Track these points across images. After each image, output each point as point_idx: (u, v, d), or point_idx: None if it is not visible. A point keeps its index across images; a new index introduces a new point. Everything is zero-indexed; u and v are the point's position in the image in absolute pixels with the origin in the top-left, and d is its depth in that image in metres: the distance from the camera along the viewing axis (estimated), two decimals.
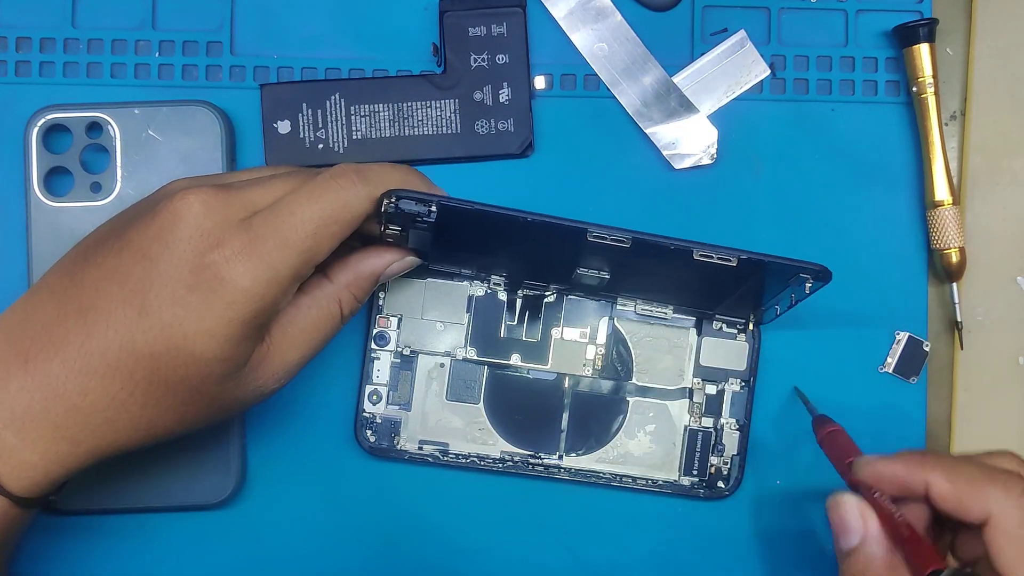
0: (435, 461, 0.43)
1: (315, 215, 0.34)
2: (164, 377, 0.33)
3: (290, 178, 0.35)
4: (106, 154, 0.43)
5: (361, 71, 0.45)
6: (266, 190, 0.34)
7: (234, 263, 0.32)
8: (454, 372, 0.44)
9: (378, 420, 0.43)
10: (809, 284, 0.38)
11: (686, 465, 0.44)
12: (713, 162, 0.45)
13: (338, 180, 0.34)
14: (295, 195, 0.34)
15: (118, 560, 0.43)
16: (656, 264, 0.39)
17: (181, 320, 0.32)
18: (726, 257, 0.36)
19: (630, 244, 0.36)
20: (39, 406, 0.33)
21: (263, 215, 0.33)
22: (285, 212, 0.33)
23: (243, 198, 0.34)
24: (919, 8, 0.45)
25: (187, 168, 0.43)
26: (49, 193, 0.42)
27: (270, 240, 0.33)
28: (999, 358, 0.45)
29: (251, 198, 0.34)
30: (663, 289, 0.43)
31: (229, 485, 0.42)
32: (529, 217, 0.35)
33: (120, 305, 0.33)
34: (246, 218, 0.33)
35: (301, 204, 0.34)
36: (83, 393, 0.33)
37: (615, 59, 0.45)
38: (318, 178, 0.35)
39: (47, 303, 0.34)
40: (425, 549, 0.44)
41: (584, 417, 0.44)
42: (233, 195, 0.34)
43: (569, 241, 0.37)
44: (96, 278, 0.33)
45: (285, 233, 0.33)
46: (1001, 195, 0.45)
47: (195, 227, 0.33)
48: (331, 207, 0.34)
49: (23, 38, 0.44)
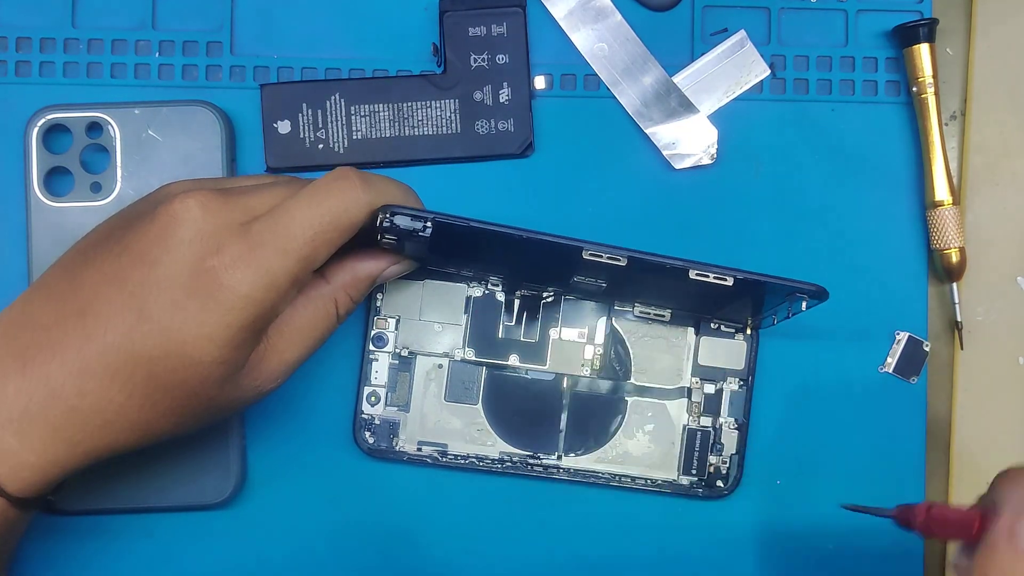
0: (434, 462, 0.43)
1: (315, 221, 0.33)
2: (163, 381, 0.33)
3: (290, 185, 0.35)
4: (106, 154, 0.43)
5: (361, 71, 0.45)
6: (266, 196, 0.34)
7: (233, 269, 0.32)
8: (452, 373, 0.44)
9: (377, 421, 0.43)
10: (805, 302, 0.38)
11: (685, 464, 0.44)
12: (713, 162, 0.45)
13: (339, 183, 0.34)
14: (295, 200, 0.34)
15: (118, 560, 0.43)
16: (653, 277, 0.39)
17: (180, 325, 0.32)
18: (722, 276, 0.37)
19: (626, 262, 0.36)
20: (37, 408, 0.33)
21: (263, 220, 0.33)
22: (285, 218, 0.33)
23: (242, 203, 0.34)
24: (919, 8, 0.45)
25: (187, 168, 0.43)
26: (49, 193, 0.42)
27: (269, 246, 0.33)
28: (999, 358, 0.45)
29: (250, 203, 0.34)
30: (661, 297, 0.43)
31: (229, 486, 0.43)
32: (524, 235, 0.36)
33: (119, 309, 0.33)
34: (246, 223, 0.33)
35: (301, 209, 0.34)
36: (81, 395, 0.33)
37: (615, 59, 0.45)
38: (319, 181, 0.34)
39: (45, 304, 0.34)
40: (424, 550, 0.44)
41: (583, 417, 0.44)
42: (232, 199, 0.34)
43: (565, 256, 0.37)
44: (95, 281, 0.33)
45: (284, 239, 0.33)
46: (1001, 195, 0.45)
47: (194, 231, 0.33)
48: (331, 213, 0.34)
49: (23, 38, 0.44)
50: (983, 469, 0.45)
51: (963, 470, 0.45)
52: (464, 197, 0.45)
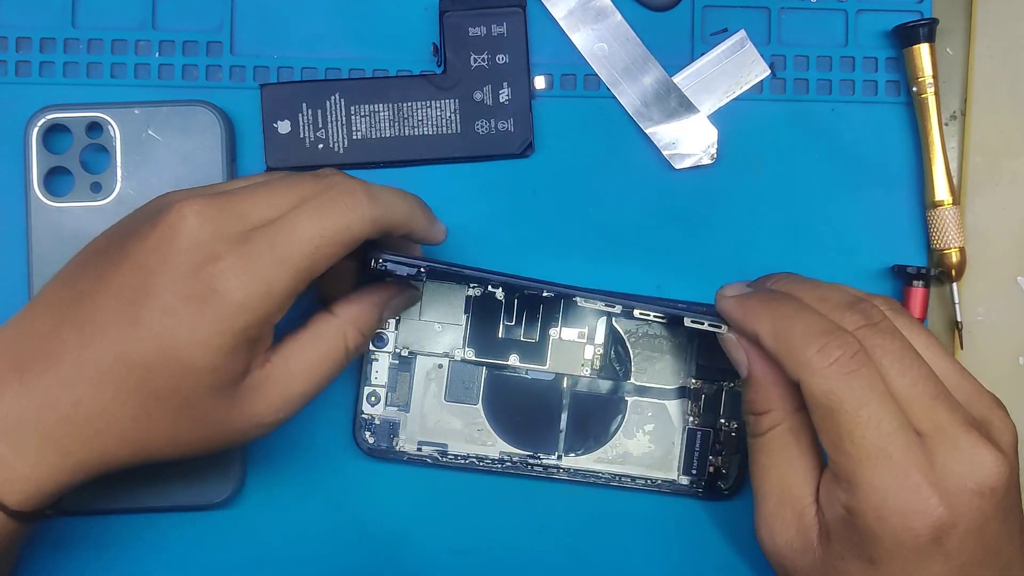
0: (434, 462, 0.43)
1: (317, 234, 0.33)
2: (155, 388, 0.33)
3: (290, 188, 0.35)
4: (106, 154, 0.43)
5: (361, 71, 0.45)
6: (265, 198, 0.34)
7: (229, 276, 0.32)
8: (452, 373, 0.44)
9: (377, 421, 0.43)
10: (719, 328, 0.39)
11: (685, 465, 0.44)
12: (713, 162, 0.45)
13: (345, 199, 0.34)
14: (299, 211, 0.34)
15: (118, 560, 0.43)
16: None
17: (172, 330, 0.32)
18: (717, 324, 0.37)
19: (620, 311, 0.38)
20: (32, 416, 0.33)
21: (264, 230, 0.33)
22: (287, 228, 0.33)
23: (240, 207, 0.34)
24: (919, 8, 0.45)
25: (187, 168, 0.43)
26: (49, 193, 0.42)
27: (267, 255, 0.33)
28: (999, 358, 0.45)
29: (248, 207, 0.34)
30: None
31: (229, 487, 0.42)
32: (518, 282, 0.37)
33: (115, 316, 0.33)
34: (246, 231, 0.33)
35: (304, 221, 0.33)
36: (75, 403, 0.33)
37: (615, 59, 0.45)
38: (325, 195, 0.34)
39: (44, 316, 0.34)
40: (424, 550, 0.44)
41: (583, 417, 0.44)
42: (230, 205, 0.33)
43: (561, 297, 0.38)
44: (94, 290, 0.33)
45: (284, 249, 0.33)
46: (1001, 195, 0.45)
47: (192, 239, 0.32)
48: (334, 227, 0.34)
49: (23, 38, 0.44)
50: None
51: None
52: (464, 197, 0.45)
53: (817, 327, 0.34)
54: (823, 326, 0.34)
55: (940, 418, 0.32)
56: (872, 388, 0.32)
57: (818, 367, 0.33)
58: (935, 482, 0.32)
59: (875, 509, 0.32)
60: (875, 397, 0.32)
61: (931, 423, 0.32)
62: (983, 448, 0.32)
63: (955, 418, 0.33)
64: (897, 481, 0.32)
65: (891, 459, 0.32)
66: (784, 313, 0.35)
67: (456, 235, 0.44)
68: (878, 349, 0.33)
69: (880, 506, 0.32)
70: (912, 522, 0.31)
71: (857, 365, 0.32)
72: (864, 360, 0.33)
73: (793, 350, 0.34)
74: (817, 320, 0.34)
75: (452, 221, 0.44)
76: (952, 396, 0.33)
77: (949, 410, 0.33)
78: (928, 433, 0.32)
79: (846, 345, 0.33)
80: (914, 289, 0.43)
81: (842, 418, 0.32)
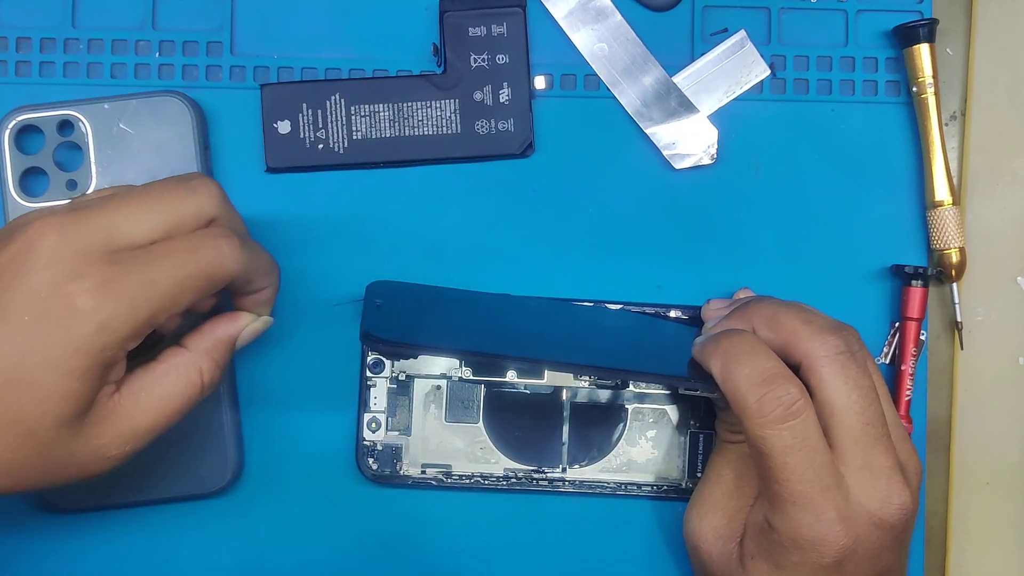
0: (439, 484, 0.43)
1: (187, 269, 0.33)
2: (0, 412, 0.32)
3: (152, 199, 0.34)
4: (79, 151, 0.42)
5: (361, 71, 0.45)
6: (128, 213, 0.33)
7: (92, 295, 0.31)
8: (451, 393, 0.43)
9: (379, 447, 0.43)
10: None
11: (690, 468, 0.44)
12: (713, 162, 0.45)
13: (221, 242, 0.34)
14: (171, 243, 0.33)
15: (116, 554, 0.43)
16: None
17: (23, 350, 0.31)
18: (710, 391, 0.38)
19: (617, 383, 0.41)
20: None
21: (133, 254, 0.32)
22: (159, 256, 0.33)
23: (103, 222, 0.33)
24: (919, 8, 0.45)
25: (161, 158, 0.42)
26: (25, 194, 0.42)
27: (135, 279, 0.32)
28: (999, 358, 0.45)
29: (111, 222, 0.33)
30: None
31: (227, 479, 0.42)
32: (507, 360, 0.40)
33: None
34: (113, 252, 0.32)
35: (176, 254, 0.33)
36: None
37: (615, 59, 0.45)
38: (207, 232, 0.34)
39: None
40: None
41: (584, 428, 0.44)
42: (90, 220, 0.32)
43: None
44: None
45: (153, 276, 0.32)
46: (1001, 195, 0.45)
47: (49, 257, 0.31)
48: (207, 265, 0.33)
49: (23, 38, 0.44)
50: (983, 469, 0.45)
51: (963, 470, 0.45)
52: (464, 197, 0.44)
53: (759, 375, 0.35)
54: (765, 374, 0.35)
55: (874, 461, 0.35)
56: (804, 438, 0.34)
57: (754, 416, 0.35)
58: (847, 517, 0.34)
59: (790, 532, 0.35)
60: (805, 446, 0.34)
61: (863, 462, 0.35)
62: (898, 490, 0.35)
63: (887, 462, 0.35)
64: (813, 518, 0.34)
65: (811, 500, 0.34)
66: (732, 356, 0.36)
67: (456, 235, 0.44)
68: (851, 380, 0.35)
69: (795, 533, 0.35)
70: (820, 548, 0.34)
71: (791, 417, 0.34)
72: (800, 409, 0.34)
73: (735, 394, 0.35)
74: (761, 366, 0.35)
75: (452, 221, 0.44)
76: (890, 440, 0.36)
77: (885, 454, 0.35)
78: (857, 470, 0.35)
79: (784, 396, 0.35)
80: (913, 289, 0.43)
81: (771, 462, 0.35)
